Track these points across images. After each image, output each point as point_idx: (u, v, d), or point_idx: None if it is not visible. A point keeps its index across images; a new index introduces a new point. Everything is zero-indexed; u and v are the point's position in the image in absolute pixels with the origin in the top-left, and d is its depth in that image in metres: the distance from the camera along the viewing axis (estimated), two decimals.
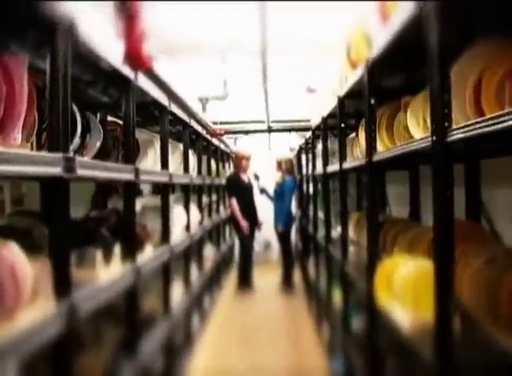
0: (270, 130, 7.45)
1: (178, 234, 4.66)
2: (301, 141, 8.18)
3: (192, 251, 5.44)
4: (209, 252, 7.02)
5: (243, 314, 6.94)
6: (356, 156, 4.21)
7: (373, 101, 2.74)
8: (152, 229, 4.29)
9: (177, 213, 4.83)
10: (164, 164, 4.17)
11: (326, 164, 4.95)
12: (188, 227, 5.16)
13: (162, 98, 3.99)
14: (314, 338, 5.60)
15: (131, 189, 3.12)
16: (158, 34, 5.74)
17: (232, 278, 8.89)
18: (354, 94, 3.46)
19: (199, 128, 5.82)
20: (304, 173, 7.90)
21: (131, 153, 3.11)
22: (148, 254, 3.58)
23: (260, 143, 10.98)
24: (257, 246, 11.10)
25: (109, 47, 2.61)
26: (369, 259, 2.75)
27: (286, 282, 8.40)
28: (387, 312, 2.24)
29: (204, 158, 7.25)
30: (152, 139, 4.42)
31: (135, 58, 2.48)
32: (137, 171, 3.12)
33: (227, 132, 6.76)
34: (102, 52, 2.53)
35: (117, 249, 2.94)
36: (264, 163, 10.49)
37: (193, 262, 5.84)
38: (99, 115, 3.46)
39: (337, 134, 5.66)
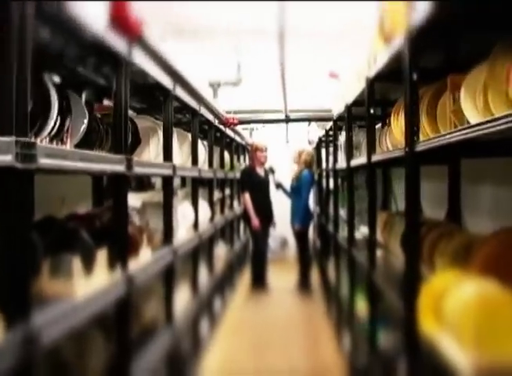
0: (288, 120, 6.83)
1: (183, 233, 4.18)
2: (321, 133, 7.65)
3: (200, 252, 4.96)
4: (221, 251, 6.54)
5: (256, 318, 6.45)
6: (385, 148, 3.69)
7: (415, 77, 2.22)
8: (155, 228, 3.83)
9: (183, 210, 4.35)
10: (167, 155, 3.68)
11: (350, 157, 4.43)
12: (196, 225, 4.68)
13: (165, 80, 3.50)
14: (333, 349, 5.10)
15: (121, 183, 2.63)
16: (166, 15, 5.25)
17: (246, 278, 8.38)
18: (386, 74, 2.95)
19: (210, 117, 5.32)
20: (324, 167, 7.36)
21: (122, 140, 2.62)
22: (145, 259, 3.09)
23: (277, 136, 10.47)
24: (273, 243, 10.63)
25: (94, 13, 2.13)
26: (409, 275, 2.23)
27: (303, 283, 7.89)
28: (436, 349, 1.73)
29: (217, 150, 6.77)
30: (156, 127, 3.93)
31: (120, 20, 1.99)
32: (129, 162, 2.63)
33: (241, 122, 6.22)
34: (84, 18, 2.05)
35: (102, 255, 2.46)
36: (281, 156, 10.01)
37: (202, 263, 5.37)
38: (84, 95, 2.95)
39: (363, 124, 5.17)
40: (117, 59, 2.53)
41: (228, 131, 7.24)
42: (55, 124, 2.22)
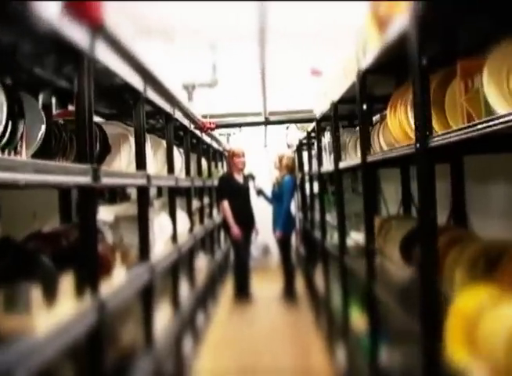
0: (268, 122, 6.44)
1: (161, 248, 3.84)
2: (302, 135, 7.36)
3: (180, 266, 4.62)
4: (202, 263, 6.21)
5: (241, 333, 6.11)
6: (377, 147, 3.39)
7: (424, 62, 1.92)
8: (130, 244, 3.50)
9: (160, 222, 4.02)
10: (140, 163, 3.34)
11: (338, 158, 4.14)
12: (174, 237, 4.35)
13: (135, 81, 3.18)
14: (326, 363, 4.79)
15: (87, 197, 2.30)
16: (136, 15, 4.92)
17: (229, 288, 8.04)
18: (382, 65, 2.66)
19: (185, 122, 5.00)
20: (307, 171, 7.06)
21: (87, 148, 2.29)
22: (119, 280, 2.76)
23: (255, 140, 10.16)
24: (255, 251, 10.31)
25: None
26: (428, 293, 1.89)
27: (288, 291, 7.59)
28: None
29: (193, 157, 6.44)
30: (127, 133, 3.60)
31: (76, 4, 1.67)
32: (96, 173, 2.30)
33: (219, 126, 5.88)
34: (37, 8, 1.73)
35: (67, 281, 2.12)
36: (260, 161, 9.71)
37: (183, 277, 5.04)
38: (41, 98, 2.61)
39: (347, 124, 4.91)
40: (78, 55, 2.21)
41: (205, 137, 6.92)
42: (5, 130, 1.88)
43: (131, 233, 3.45)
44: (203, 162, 7.32)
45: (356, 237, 4.10)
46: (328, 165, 4.83)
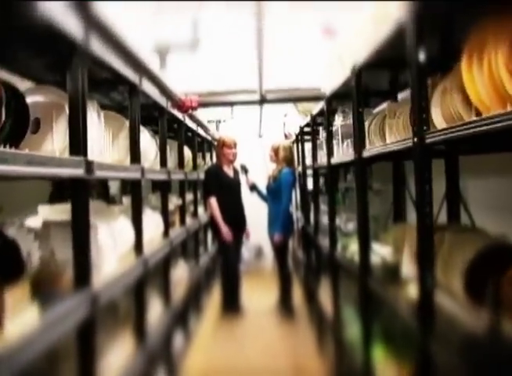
0: (264, 101, 5.13)
1: (112, 266, 2.77)
2: (303, 122, 6.29)
3: (149, 282, 3.56)
4: (181, 272, 5.14)
5: (226, 356, 5.06)
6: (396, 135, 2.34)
7: None
8: (64, 260, 2.45)
9: (115, 228, 2.95)
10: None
11: (361, 146, 3.06)
12: (139, 247, 3.28)
13: (72, 27, 2.13)
14: None
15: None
16: None
17: (216, 298, 6.94)
18: None
19: (158, 98, 3.92)
20: (310, 164, 5.98)
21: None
22: (31, 320, 1.71)
23: (248, 129, 9.10)
24: (247, 253, 9.26)
25: None
26: None
27: (284, 302, 6.52)
28: None
29: (174, 146, 5.39)
30: (62, 102, 2.52)
31: None
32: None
33: (202, 105, 4.71)
34: None
35: None
36: (253, 154, 8.65)
37: (153, 296, 3.99)
38: None
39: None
40: None
41: (189, 123, 5.85)
42: None
43: (66, 244, 2.39)
44: (187, 152, 6.26)
45: (380, 251, 3.03)
46: (343, 155, 3.78)
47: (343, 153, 3.85)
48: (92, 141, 2.51)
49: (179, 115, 5.04)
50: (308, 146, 6.59)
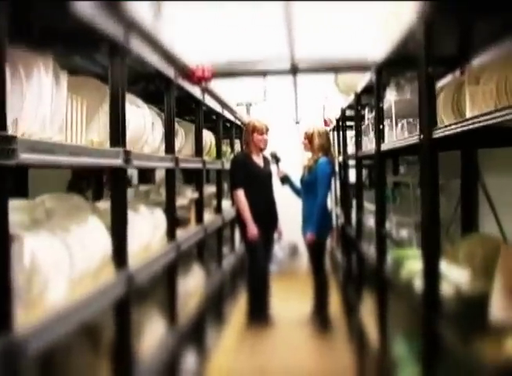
0: (296, 70, 4.02)
1: (60, 294, 1.91)
2: (345, 103, 5.36)
3: (132, 304, 2.71)
4: (195, 280, 4.29)
5: None
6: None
7: None
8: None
9: (77, 238, 2.10)
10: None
11: (431, 123, 2.12)
12: (121, 261, 2.44)
13: None
14: None
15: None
16: None
17: (242, 306, 6.07)
18: None
19: (156, 62, 3.05)
20: (352, 152, 5.04)
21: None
22: None
23: (283, 113, 8.17)
24: (280, 251, 8.39)
25: None
26: None
27: (319, 314, 5.63)
28: None
29: (191, 129, 4.57)
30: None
31: None
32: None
33: (217, 74, 3.75)
34: None
35: None
36: (288, 141, 7.76)
37: (149, 317, 3.15)
38: None
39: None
40: None
41: (212, 103, 5.00)
42: None
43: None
44: (210, 137, 5.43)
45: (452, 275, 2.11)
46: (392, 141, 2.87)
47: (397, 136, 2.94)
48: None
49: (196, 92, 4.19)
50: (350, 133, 5.67)
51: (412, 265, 2.51)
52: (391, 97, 3.05)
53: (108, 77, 2.45)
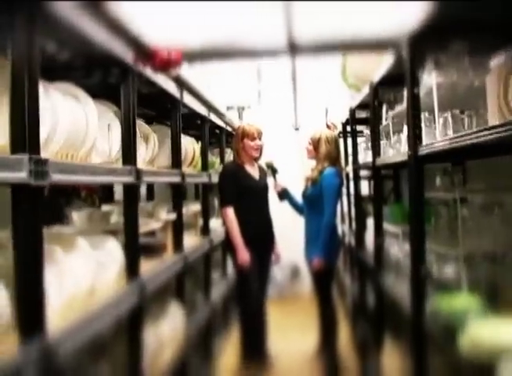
0: (294, 48, 3.04)
1: None
2: (354, 102, 4.52)
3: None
4: (170, 325, 3.41)
5: None
6: None
7: None
8: None
9: None
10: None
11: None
12: (34, 326, 1.59)
13: None
14: None
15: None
16: None
17: (236, 341, 5.16)
18: None
19: (100, 37, 2.20)
20: (363, 161, 4.16)
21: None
22: None
23: (281, 119, 7.31)
24: (279, 272, 7.53)
25: None
26: None
27: (327, 353, 4.74)
28: None
29: (166, 134, 3.74)
30: None
31: None
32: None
33: (187, 57, 2.82)
34: None
35: None
36: (287, 151, 6.91)
37: None
38: None
39: None
40: None
41: (195, 105, 4.16)
42: None
43: None
44: (194, 145, 4.59)
45: None
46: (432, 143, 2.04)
47: (440, 135, 2.10)
48: None
49: (170, 88, 3.35)
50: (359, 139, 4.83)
51: (480, 330, 1.64)
52: (430, 80, 2.20)
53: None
